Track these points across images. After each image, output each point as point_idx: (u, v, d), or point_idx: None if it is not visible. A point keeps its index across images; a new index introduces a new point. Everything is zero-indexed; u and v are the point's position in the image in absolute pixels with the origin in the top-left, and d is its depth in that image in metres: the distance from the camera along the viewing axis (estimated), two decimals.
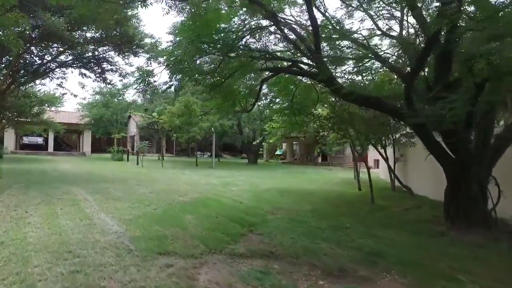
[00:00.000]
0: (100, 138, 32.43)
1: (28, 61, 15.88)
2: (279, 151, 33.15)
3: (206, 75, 5.92)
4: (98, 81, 17.45)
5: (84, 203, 6.89)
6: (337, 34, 6.94)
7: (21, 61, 15.18)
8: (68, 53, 15.65)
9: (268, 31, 6.47)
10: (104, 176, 12.41)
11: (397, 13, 7.97)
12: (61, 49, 14.90)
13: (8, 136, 26.35)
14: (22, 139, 30.09)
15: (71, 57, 16.22)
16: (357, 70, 8.07)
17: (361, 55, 7.20)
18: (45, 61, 15.98)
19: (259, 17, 5.74)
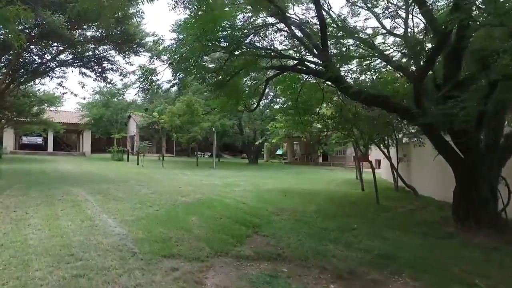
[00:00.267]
0: (100, 138, 32.25)
1: (27, 60, 15.69)
2: (280, 151, 33.03)
3: (212, 73, 5.81)
4: (98, 80, 17.29)
5: (85, 204, 6.77)
6: (342, 32, 6.84)
7: (21, 60, 15.00)
8: (68, 52, 15.48)
9: (275, 28, 6.35)
10: (105, 177, 12.29)
11: (401, 12, 7.93)
12: (61, 48, 14.74)
13: (8, 136, 26.19)
14: (22, 139, 29.88)
15: (71, 56, 16.05)
16: (360, 69, 7.97)
17: (365, 53, 7.10)
18: (45, 60, 15.82)
19: (264, 14, 5.63)
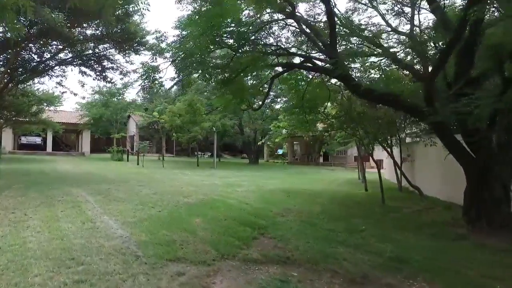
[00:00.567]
0: (99, 138, 32.04)
1: (26, 59, 15.47)
2: (281, 151, 32.86)
3: (218, 69, 5.65)
4: (98, 79, 17.05)
5: (85, 205, 6.61)
6: (348, 30, 6.70)
7: (19, 59, 14.80)
8: (68, 50, 15.26)
9: (282, 24, 6.20)
10: (105, 177, 12.12)
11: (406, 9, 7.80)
12: (60, 46, 14.53)
13: (6, 136, 25.95)
14: (20, 139, 29.68)
15: (70, 54, 15.82)
16: (364, 68, 7.83)
17: (371, 51, 6.95)
18: (44, 58, 15.61)
19: (272, 10, 5.47)
